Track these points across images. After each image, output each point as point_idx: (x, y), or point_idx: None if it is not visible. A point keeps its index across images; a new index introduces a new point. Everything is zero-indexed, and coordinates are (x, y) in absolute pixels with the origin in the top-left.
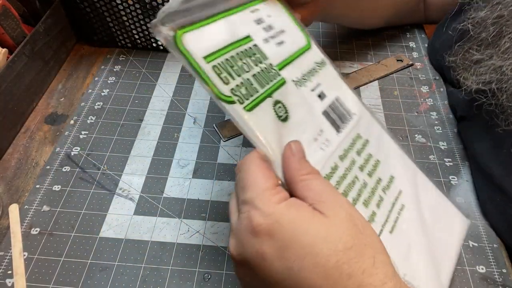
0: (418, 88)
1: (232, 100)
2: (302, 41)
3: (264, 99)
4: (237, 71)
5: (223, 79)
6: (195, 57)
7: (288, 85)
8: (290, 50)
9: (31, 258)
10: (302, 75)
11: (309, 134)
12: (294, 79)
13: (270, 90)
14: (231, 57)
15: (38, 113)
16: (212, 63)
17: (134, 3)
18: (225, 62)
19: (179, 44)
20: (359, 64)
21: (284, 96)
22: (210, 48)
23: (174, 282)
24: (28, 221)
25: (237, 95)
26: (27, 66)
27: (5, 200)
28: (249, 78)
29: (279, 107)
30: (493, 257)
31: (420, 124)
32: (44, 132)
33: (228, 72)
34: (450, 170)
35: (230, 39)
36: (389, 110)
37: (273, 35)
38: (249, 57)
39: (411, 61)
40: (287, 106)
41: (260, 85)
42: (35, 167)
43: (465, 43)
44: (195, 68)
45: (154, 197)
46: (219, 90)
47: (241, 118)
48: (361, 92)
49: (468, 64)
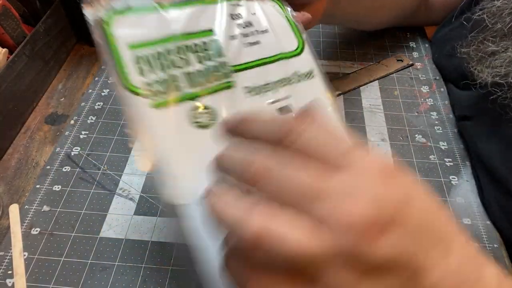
0: (418, 88)
1: (137, 91)
2: (289, 45)
3: (183, 100)
4: (165, 66)
5: (140, 70)
6: (118, 43)
7: (234, 91)
8: (263, 53)
9: (31, 258)
10: (266, 82)
11: None
12: (249, 85)
13: (203, 92)
14: (166, 50)
15: (38, 113)
16: (137, 52)
17: None
18: (154, 55)
19: (106, 27)
20: (359, 64)
21: (220, 101)
22: (142, 37)
23: (175, 282)
24: (28, 221)
25: (150, 90)
26: (27, 66)
27: (5, 200)
28: (177, 74)
29: (204, 112)
30: (494, 257)
31: (420, 124)
32: (44, 132)
33: (150, 65)
34: (451, 170)
35: (176, 31)
36: (389, 110)
37: (247, 33)
38: (195, 52)
39: (411, 61)
40: (217, 113)
41: (191, 84)
42: (35, 167)
43: (479, 34)
44: (113, 53)
45: (154, 197)
46: (130, 79)
47: (139, 112)
48: (361, 92)
49: (482, 55)
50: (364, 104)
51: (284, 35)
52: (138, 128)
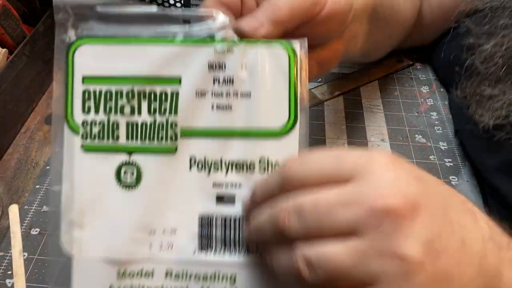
0: (418, 88)
1: (76, 129)
2: (273, 120)
3: (116, 151)
4: (111, 109)
5: (85, 107)
6: (75, 72)
7: (175, 158)
8: (229, 122)
9: (31, 258)
10: (219, 160)
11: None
12: (197, 157)
13: (139, 148)
14: (119, 92)
15: (38, 113)
16: (90, 86)
17: None
18: (105, 94)
19: (69, 52)
20: (359, 64)
21: (154, 165)
22: (100, 71)
23: None
24: (28, 222)
25: (85, 130)
26: (27, 66)
27: (5, 201)
28: (119, 122)
29: (129, 171)
30: None
31: (420, 124)
32: (44, 133)
33: (96, 104)
34: (450, 170)
35: (141, 71)
36: (389, 110)
37: (221, 92)
38: (150, 101)
39: (411, 61)
40: (143, 176)
41: (130, 136)
42: (35, 167)
43: (473, 78)
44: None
45: None
46: (73, 114)
47: (69, 151)
48: (361, 92)
49: (480, 99)
50: (364, 104)
51: (272, 104)
52: (65, 168)
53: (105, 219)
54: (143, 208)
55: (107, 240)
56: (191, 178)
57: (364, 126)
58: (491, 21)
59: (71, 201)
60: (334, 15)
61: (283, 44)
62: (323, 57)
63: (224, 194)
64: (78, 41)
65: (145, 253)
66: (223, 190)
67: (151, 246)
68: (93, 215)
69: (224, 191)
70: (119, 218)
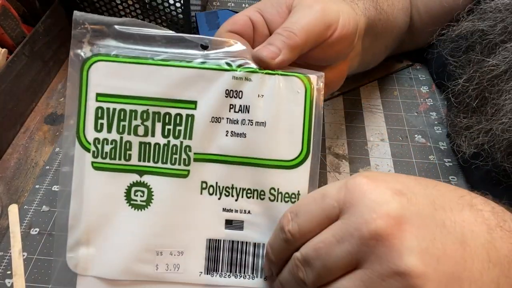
0: (418, 88)
1: (88, 147)
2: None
3: (127, 171)
4: (124, 128)
5: (97, 124)
6: (89, 90)
7: (187, 182)
8: (243, 150)
9: (31, 258)
10: (231, 186)
11: (153, 242)
12: (209, 182)
13: (151, 170)
14: (134, 112)
15: (38, 113)
16: (103, 104)
17: (134, 3)
18: (119, 113)
19: (84, 68)
20: None
21: (165, 188)
22: (114, 90)
23: None
24: (27, 221)
25: (96, 148)
26: (27, 66)
27: (4, 200)
28: (132, 142)
29: (140, 192)
30: None
31: (420, 124)
32: (44, 132)
33: (109, 122)
34: (450, 170)
35: (157, 93)
36: (389, 110)
37: (236, 120)
38: (164, 123)
39: (411, 61)
40: (153, 197)
41: (143, 157)
42: (34, 167)
43: (450, 111)
44: (80, 98)
45: None
46: (85, 131)
47: (79, 169)
48: (360, 92)
49: (458, 130)
50: (363, 104)
51: (286, 136)
52: (74, 185)
53: (112, 238)
54: (151, 229)
55: (113, 259)
56: (201, 201)
57: (363, 126)
58: (466, 53)
59: (78, 219)
60: (344, 38)
61: (301, 77)
62: (330, 79)
63: (233, 219)
64: (93, 57)
65: (151, 273)
66: (233, 215)
67: (157, 267)
68: (100, 234)
69: (233, 216)
70: (126, 238)
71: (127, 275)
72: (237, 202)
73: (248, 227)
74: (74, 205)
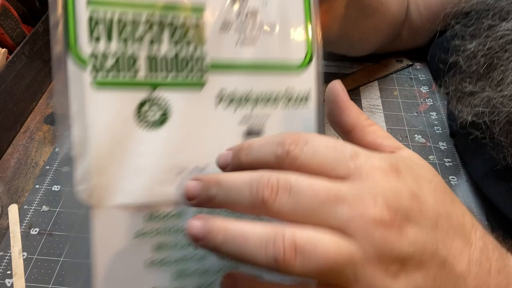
0: (418, 88)
1: (84, 63)
2: (294, 54)
3: (137, 86)
4: (127, 38)
5: (93, 35)
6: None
7: (203, 94)
8: (256, 56)
9: (31, 258)
10: (246, 94)
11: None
12: (225, 92)
13: (163, 82)
14: (136, 19)
15: (38, 113)
16: (97, 11)
17: None
18: (119, 21)
19: None
20: (359, 64)
21: (180, 101)
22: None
23: None
24: (27, 221)
25: (96, 62)
26: (27, 66)
27: (4, 200)
28: (139, 53)
29: (153, 109)
30: None
31: (420, 124)
32: (44, 132)
33: (108, 32)
34: (450, 170)
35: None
36: (389, 110)
37: (245, 26)
38: (172, 31)
39: (411, 61)
40: (169, 113)
41: (152, 69)
42: (34, 167)
43: (456, 75)
44: (66, 6)
45: None
46: (78, 44)
47: (78, 90)
48: (360, 93)
49: (461, 95)
50: (363, 104)
51: (292, 39)
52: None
53: (126, 162)
54: (169, 148)
55: (131, 184)
56: (217, 115)
57: None
58: (476, 22)
59: (85, 146)
60: None
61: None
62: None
63: (250, 130)
64: None
65: (173, 194)
66: (249, 125)
67: (179, 186)
68: (112, 159)
69: (250, 127)
70: (142, 159)
71: (148, 198)
72: (253, 111)
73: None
74: (77, 131)
